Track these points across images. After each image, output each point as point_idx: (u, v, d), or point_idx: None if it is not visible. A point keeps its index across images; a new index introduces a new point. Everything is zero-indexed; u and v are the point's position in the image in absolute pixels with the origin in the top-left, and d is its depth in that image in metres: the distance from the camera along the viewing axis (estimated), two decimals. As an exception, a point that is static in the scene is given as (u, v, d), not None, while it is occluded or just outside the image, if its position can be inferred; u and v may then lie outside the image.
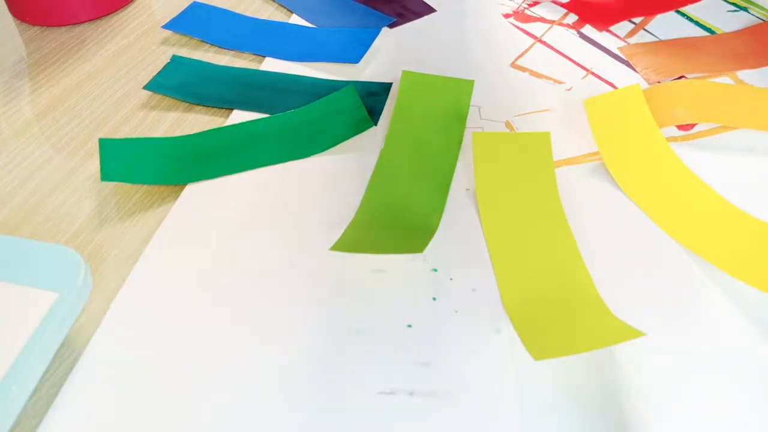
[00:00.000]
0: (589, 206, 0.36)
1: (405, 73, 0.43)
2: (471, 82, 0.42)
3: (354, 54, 0.46)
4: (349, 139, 0.40)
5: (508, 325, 0.31)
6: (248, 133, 0.40)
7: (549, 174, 0.37)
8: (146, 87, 0.44)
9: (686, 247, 0.34)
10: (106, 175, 0.37)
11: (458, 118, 0.41)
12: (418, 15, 0.52)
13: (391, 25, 0.51)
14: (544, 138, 0.39)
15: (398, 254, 0.33)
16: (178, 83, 0.45)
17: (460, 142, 0.39)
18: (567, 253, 0.33)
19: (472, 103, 0.43)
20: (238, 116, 0.42)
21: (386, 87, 0.44)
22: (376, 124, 0.42)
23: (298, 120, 0.41)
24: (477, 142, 0.38)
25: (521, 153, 0.38)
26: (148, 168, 0.38)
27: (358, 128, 0.40)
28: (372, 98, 0.43)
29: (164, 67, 0.46)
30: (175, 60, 0.47)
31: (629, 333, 0.27)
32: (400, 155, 0.39)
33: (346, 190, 0.37)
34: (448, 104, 0.41)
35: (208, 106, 0.43)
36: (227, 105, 0.43)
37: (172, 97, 0.44)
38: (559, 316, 0.30)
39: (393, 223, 0.34)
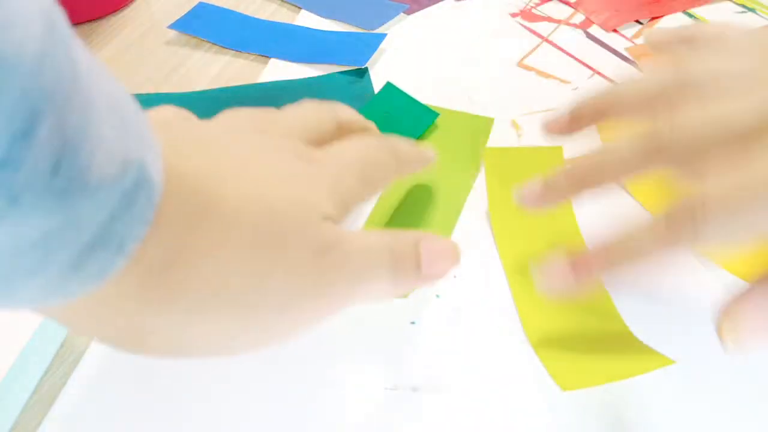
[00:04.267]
0: (599, 209, 0.35)
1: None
2: (490, 120, 0.41)
3: (360, 56, 0.46)
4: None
5: (511, 322, 0.30)
6: None
7: None
8: None
9: (702, 256, 0.33)
10: None
11: (473, 156, 0.39)
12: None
13: (407, 12, 0.52)
14: (557, 152, 0.38)
15: None
16: None
17: (473, 179, 0.37)
18: None
19: (477, 101, 0.42)
20: None
21: (363, 70, 0.45)
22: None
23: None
24: (489, 157, 0.37)
25: (534, 168, 0.37)
26: None
27: (424, 123, 0.40)
28: (358, 85, 0.44)
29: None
30: (136, 98, 0.44)
31: (658, 361, 0.27)
32: (405, 187, 0.37)
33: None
34: (465, 140, 0.40)
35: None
36: None
37: None
38: (584, 344, 0.29)
39: None
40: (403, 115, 0.40)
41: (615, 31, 0.49)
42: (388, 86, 0.42)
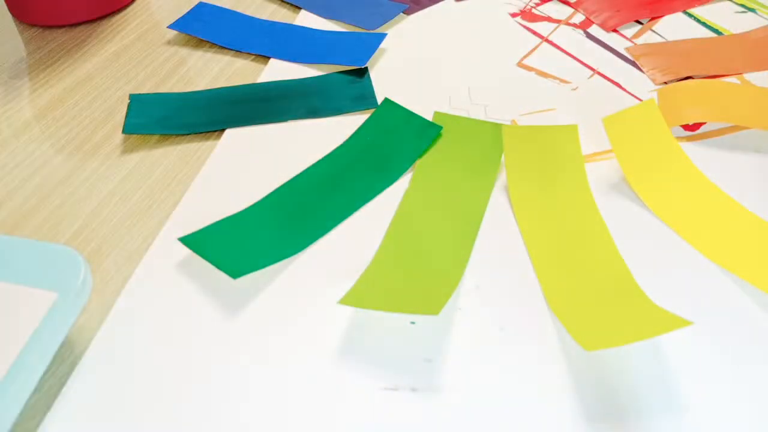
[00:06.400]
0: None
1: (437, 114, 0.41)
2: (501, 127, 0.40)
3: (360, 56, 0.46)
4: (425, 153, 0.39)
5: (511, 322, 0.30)
6: (315, 180, 0.37)
7: (579, 167, 0.37)
8: (125, 131, 0.41)
9: (718, 264, 0.33)
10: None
11: (491, 166, 0.38)
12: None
13: (407, 12, 0.52)
14: (572, 130, 0.38)
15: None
16: (156, 118, 0.42)
17: (491, 190, 0.37)
18: (603, 245, 0.33)
19: (477, 101, 0.42)
20: (231, 133, 0.41)
21: (363, 70, 0.45)
22: (375, 107, 0.42)
23: (360, 151, 0.39)
24: (507, 135, 0.38)
25: (550, 145, 0.38)
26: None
27: (427, 137, 0.39)
28: (358, 85, 0.44)
29: (129, 107, 0.43)
30: (135, 98, 0.43)
31: (676, 322, 0.27)
32: (424, 201, 0.36)
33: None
34: (481, 149, 0.39)
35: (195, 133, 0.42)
36: (217, 127, 0.41)
37: (157, 134, 0.41)
38: (603, 307, 0.30)
39: (409, 278, 0.32)
40: (404, 132, 0.40)
41: (615, 31, 0.49)
42: (387, 102, 0.42)
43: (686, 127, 0.40)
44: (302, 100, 0.43)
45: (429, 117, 0.41)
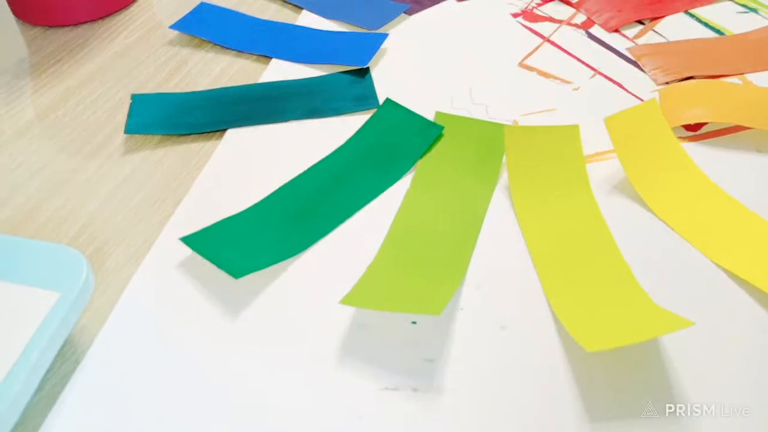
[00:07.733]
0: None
1: (438, 114, 0.41)
2: (503, 126, 0.39)
3: (361, 56, 0.46)
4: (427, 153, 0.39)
5: (512, 322, 0.30)
6: (317, 181, 0.37)
7: (580, 167, 0.37)
8: (127, 131, 0.41)
9: (719, 264, 0.33)
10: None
11: (492, 166, 0.38)
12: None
13: (408, 12, 0.52)
14: (573, 130, 0.38)
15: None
16: (158, 118, 0.42)
17: (492, 190, 0.37)
18: (605, 246, 0.33)
19: (479, 101, 0.42)
20: (233, 133, 0.41)
21: (365, 70, 0.45)
22: (376, 107, 0.42)
23: (362, 151, 0.39)
24: (509, 135, 0.38)
25: (552, 146, 0.38)
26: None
27: (429, 137, 0.39)
28: (359, 85, 0.44)
29: (131, 107, 0.43)
30: (137, 98, 0.43)
31: (678, 323, 0.27)
32: (425, 201, 0.36)
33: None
34: (483, 149, 0.39)
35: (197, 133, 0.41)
36: (219, 127, 0.41)
37: (159, 134, 0.41)
38: (605, 307, 0.30)
39: (410, 278, 0.31)
40: (406, 132, 0.40)
41: (616, 31, 0.49)
42: (388, 102, 0.42)
43: (688, 128, 0.40)
44: (304, 100, 0.43)
45: (430, 117, 0.41)
